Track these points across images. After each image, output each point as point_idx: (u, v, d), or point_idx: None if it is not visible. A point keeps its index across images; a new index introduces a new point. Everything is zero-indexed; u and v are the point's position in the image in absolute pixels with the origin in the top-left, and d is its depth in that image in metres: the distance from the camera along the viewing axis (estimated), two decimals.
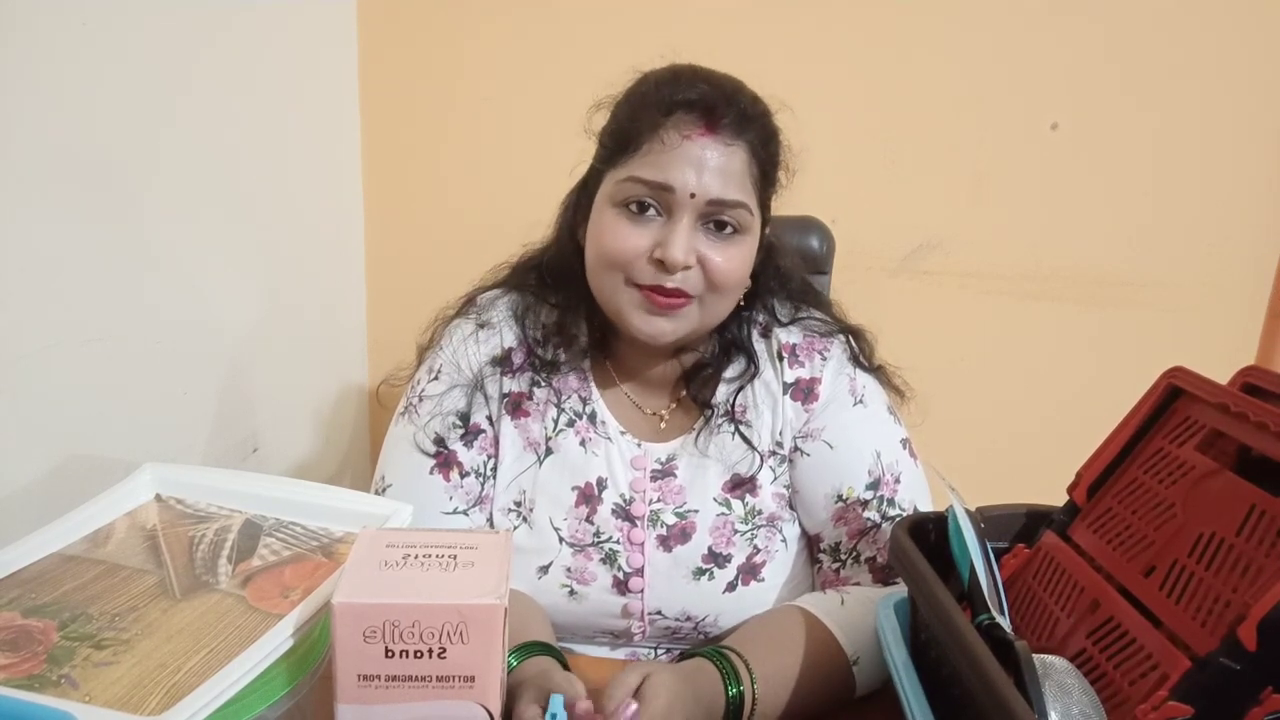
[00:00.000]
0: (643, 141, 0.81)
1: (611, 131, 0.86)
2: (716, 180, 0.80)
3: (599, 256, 0.84)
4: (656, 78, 0.85)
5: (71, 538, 0.68)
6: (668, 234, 0.81)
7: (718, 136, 0.81)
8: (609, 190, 0.84)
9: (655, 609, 0.89)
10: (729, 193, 0.81)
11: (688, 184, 0.80)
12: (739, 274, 0.84)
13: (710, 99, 0.81)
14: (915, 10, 1.42)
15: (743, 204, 0.82)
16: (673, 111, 0.81)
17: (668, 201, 0.81)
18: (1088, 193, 1.45)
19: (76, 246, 0.97)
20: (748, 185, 0.83)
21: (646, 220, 0.82)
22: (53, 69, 0.92)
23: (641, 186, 0.81)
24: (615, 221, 0.83)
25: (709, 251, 0.82)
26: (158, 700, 0.51)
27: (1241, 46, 1.37)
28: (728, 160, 0.81)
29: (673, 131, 0.80)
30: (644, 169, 0.81)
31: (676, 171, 0.80)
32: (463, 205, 1.59)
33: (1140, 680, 0.56)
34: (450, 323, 0.95)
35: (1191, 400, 0.67)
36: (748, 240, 0.85)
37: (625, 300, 0.84)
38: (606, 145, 0.86)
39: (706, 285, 0.83)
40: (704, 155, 0.80)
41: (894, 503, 0.88)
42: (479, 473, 0.91)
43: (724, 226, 0.83)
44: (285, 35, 1.34)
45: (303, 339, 1.48)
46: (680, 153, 0.80)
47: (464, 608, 0.52)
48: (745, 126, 0.82)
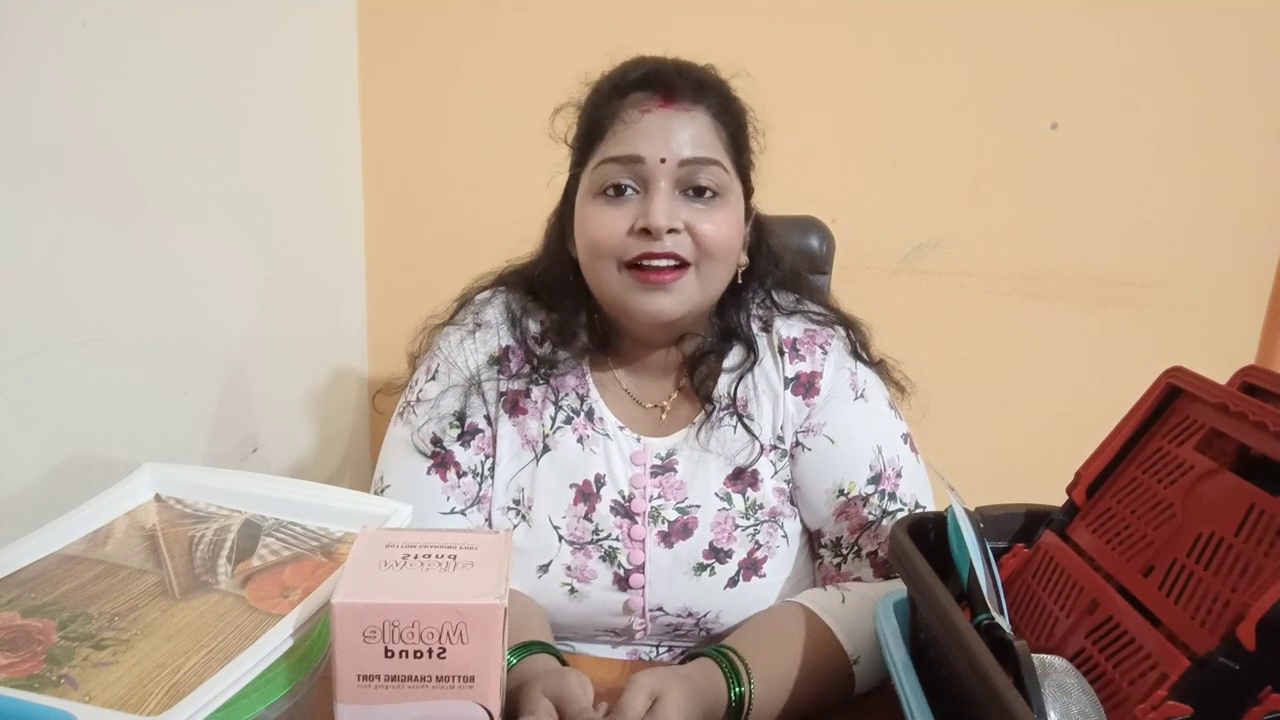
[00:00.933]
0: (607, 128, 0.84)
1: (578, 132, 0.89)
2: (683, 142, 0.82)
3: (588, 248, 0.85)
4: (610, 72, 0.88)
5: (71, 538, 0.68)
6: (647, 204, 0.82)
7: (677, 105, 0.83)
8: (586, 184, 0.86)
9: (656, 606, 0.89)
10: (699, 151, 0.83)
11: (656, 150, 0.82)
12: (728, 237, 0.85)
13: (662, 72, 0.84)
14: (915, 10, 1.42)
15: (715, 160, 0.84)
16: (628, 92, 0.84)
17: (641, 174, 0.83)
18: (1087, 193, 1.45)
19: (77, 246, 0.97)
20: (718, 145, 0.85)
21: (625, 200, 0.84)
22: (53, 69, 0.92)
23: (613, 165, 0.83)
24: (597, 210, 0.84)
25: (693, 218, 0.83)
26: (157, 700, 0.51)
27: (1242, 46, 1.37)
28: (691, 123, 0.83)
29: (632, 109, 0.83)
30: (611, 149, 0.83)
31: (643, 141, 0.82)
32: (462, 205, 1.59)
33: (1139, 680, 0.56)
34: (442, 326, 0.95)
35: (1191, 400, 0.67)
36: (731, 204, 0.86)
37: (622, 285, 0.84)
38: (577, 147, 0.89)
39: (699, 252, 0.83)
40: (667, 125, 0.82)
41: (895, 497, 0.88)
42: (476, 473, 0.91)
43: (703, 191, 0.84)
44: (285, 35, 1.34)
45: (303, 339, 1.48)
46: (643, 125, 0.83)
47: (463, 608, 0.52)
48: (702, 92, 0.85)
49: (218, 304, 1.23)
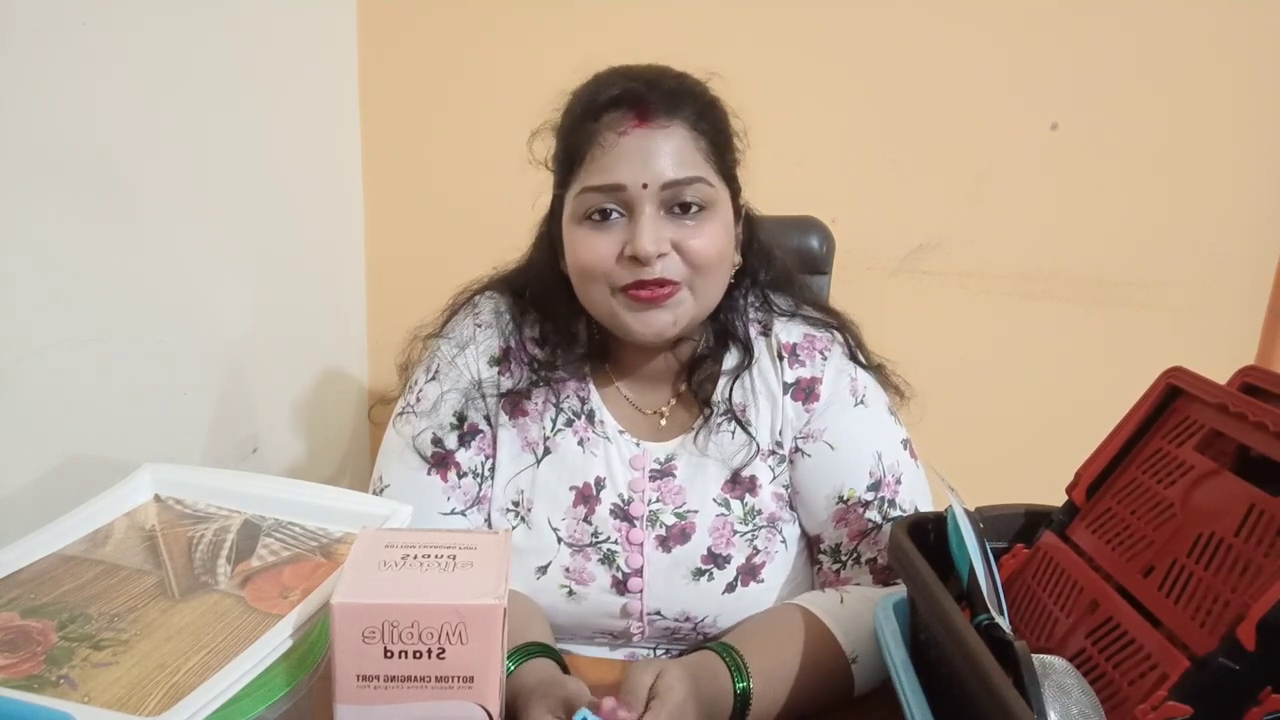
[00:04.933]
0: (584, 152, 0.82)
1: (556, 155, 0.88)
2: (664, 164, 0.81)
3: (579, 274, 0.85)
4: (582, 89, 0.86)
5: (70, 538, 0.68)
6: (633, 230, 0.81)
7: (652, 123, 0.81)
8: (570, 209, 0.85)
9: (654, 609, 0.89)
10: (681, 171, 0.81)
11: (636, 177, 0.80)
12: (718, 251, 0.84)
13: (633, 91, 0.82)
14: (915, 10, 1.42)
15: (698, 179, 0.82)
16: (601, 114, 0.82)
17: (625, 200, 0.82)
18: (1088, 193, 1.45)
19: (76, 246, 0.97)
20: (699, 159, 0.83)
21: (611, 225, 0.82)
22: (53, 69, 0.92)
23: (595, 194, 0.82)
24: (584, 236, 0.83)
25: (681, 235, 0.82)
26: (157, 701, 0.51)
27: (1242, 46, 1.37)
28: (669, 142, 0.82)
29: (608, 132, 0.82)
30: (592, 177, 0.82)
31: (623, 168, 0.81)
32: (463, 205, 1.59)
33: (1139, 680, 0.56)
34: (446, 325, 0.95)
35: (1190, 400, 0.67)
36: (719, 215, 0.85)
37: (616, 308, 0.84)
38: (556, 169, 0.88)
39: (690, 269, 0.83)
40: (645, 145, 0.81)
41: (895, 504, 0.88)
42: (476, 473, 0.91)
43: (689, 207, 0.83)
44: (285, 35, 1.34)
45: (303, 339, 1.48)
46: (620, 150, 0.81)
47: (463, 608, 0.52)
48: (677, 105, 0.83)
49: (218, 304, 1.23)
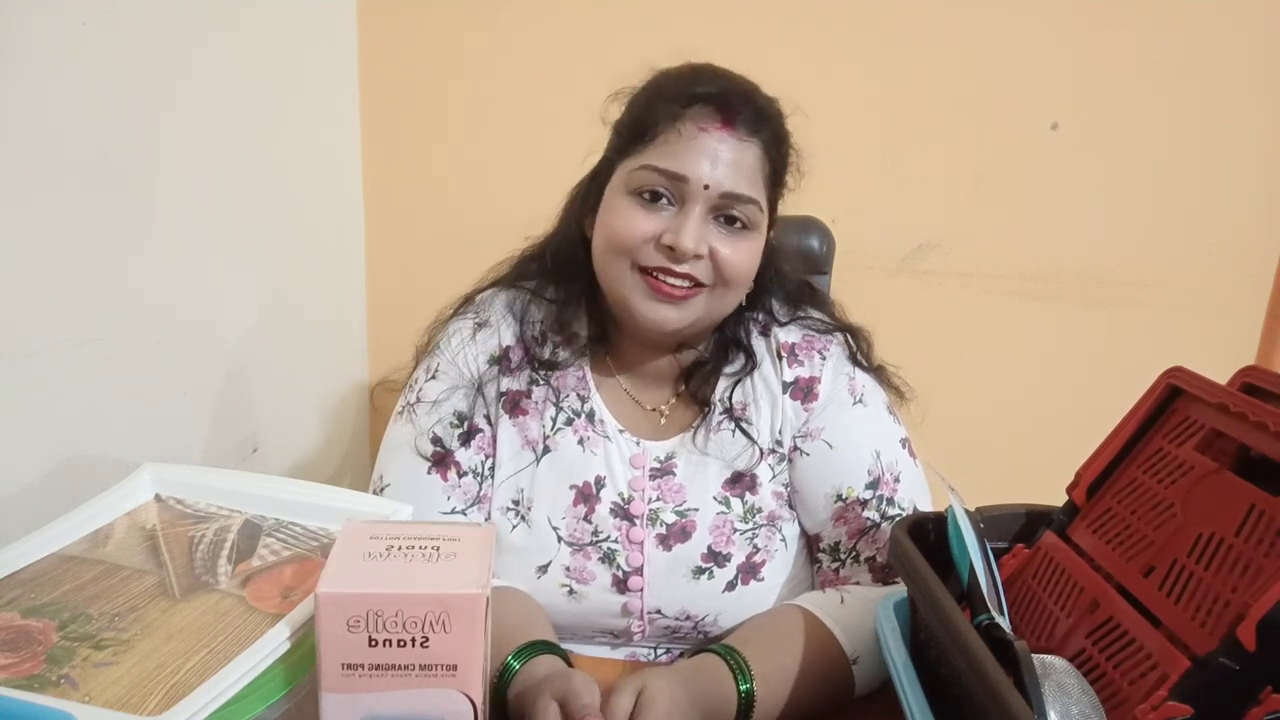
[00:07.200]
0: (659, 132, 0.83)
1: (627, 123, 0.87)
2: (730, 174, 0.82)
3: (607, 241, 0.85)
4: (676, 73, 0.87)
5: (71, 538, 0.68)
6: (680, 222, 0.82)
7: (734, 131, 0.82)
8: (622, 179, 0.85)
9: (655, 608, 0.89)
10: (741, 187, 0.82)
11: (702, 175, 0.81)
12: (748, 268, 0.85)
13: (728, 94, 0.83)
14: (915, 10, 1.42)
15: (754, 200, 0.83)
16: (691, 104, 0.83)
17: (681, 191, 0.82)
18: (1088, 193, 1.45)
19: (76, 246, 0.97)
20: (759, 182, 0.84)
21: (658, 209, 0.83)
22: (53, 69, 0.92)
23: (656, 175, 0.82)
24: (628, 208, 0.83)
25: (719, 244, 0.83)
26: (157, 700, 0.51)
27: (1242, 46, 1.37)
28: (742, 155, 0.82)
29: (690, 123, 0.82)
30: (660, 158, 0.82)
31: (692, 162, 0.81)
32: (463, 205, 1.59)
33: (1140, 680, 0.56)
34: (447, 322, 0.95)
35: (1191, 400, 0.67)
36: (756, 237, 0.86)
37: (630, 286, 0.84)
38: (621, 135, 0.88)
39: (716, 277, 0.84)
40: (719, 149, 0.82)
41: (893, 502, 0.88)
42: (477, 472, 0.91)
43: (734, 221, 0.84)
44: (285, 35, 1.34)
45: (303, 339, 1.48)
46: (696, 144, 0.81)
47: (446, 597, 0.53)
48: (760, 124, 0.84)
49: (218, 304, 1.23)
